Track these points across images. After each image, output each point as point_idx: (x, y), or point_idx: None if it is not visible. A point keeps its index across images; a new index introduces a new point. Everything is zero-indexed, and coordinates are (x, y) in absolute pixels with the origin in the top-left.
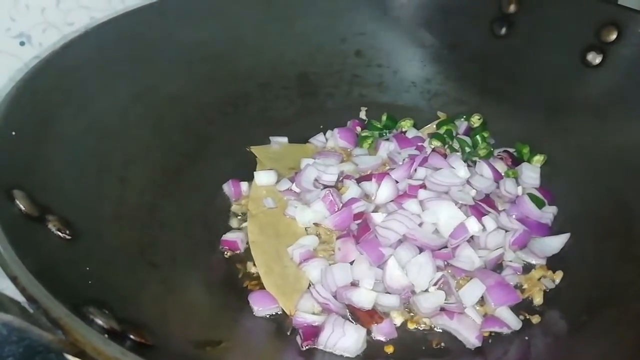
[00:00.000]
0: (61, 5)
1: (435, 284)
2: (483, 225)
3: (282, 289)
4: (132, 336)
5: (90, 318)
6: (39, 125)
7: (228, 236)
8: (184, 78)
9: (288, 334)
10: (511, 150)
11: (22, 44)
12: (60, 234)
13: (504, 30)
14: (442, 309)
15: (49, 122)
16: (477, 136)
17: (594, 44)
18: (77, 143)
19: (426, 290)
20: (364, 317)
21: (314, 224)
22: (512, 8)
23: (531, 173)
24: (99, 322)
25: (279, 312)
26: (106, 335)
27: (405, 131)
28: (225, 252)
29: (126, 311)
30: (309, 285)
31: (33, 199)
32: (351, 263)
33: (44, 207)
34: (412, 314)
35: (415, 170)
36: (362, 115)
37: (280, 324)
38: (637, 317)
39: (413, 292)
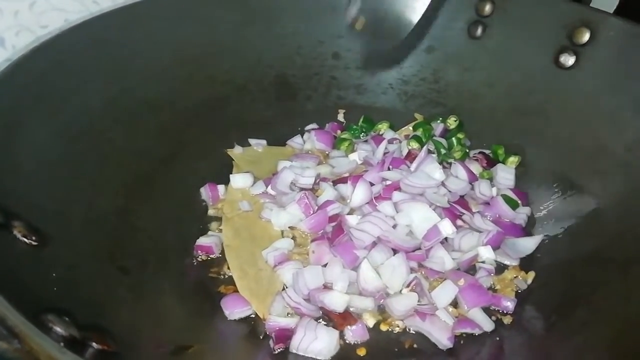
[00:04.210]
0: (35, 8)
1: (407, 286)
2: (456, 227)
3: (255, 293)
4: (94, 343)
5: (48, 326)
6: (8, 128)
7: (202, 241)
8: (160, 81)
9: (261, 337)
10: (487, 151)
11: None
12: (26, 240)
13: (479, 32)
14: (415, 311)
15: (18, 125)
16: (453, 138)
17: (566, 45)
18: (47, 147)
19: (399, 292)
20: (337, 319)
21: (289, 227)
22: (487, 10)
23: (506, 174)
24: (58, 329)
25: (251, 315)
26: (62, 344)
27: (382, 133)
28: (200, 257)
29: (91, 318)
30: (283, 288)
31: None
32: (325, 265)
33: (10, 213)
34: (384, 316)
35: (389, 168)
36: (340, 117)
37: (253, 327)
38: (606, 317)
39: (387, 294)
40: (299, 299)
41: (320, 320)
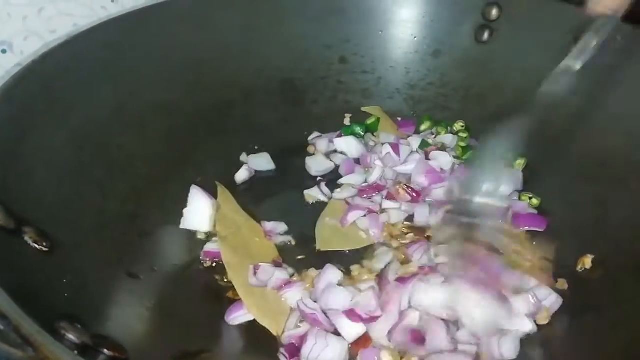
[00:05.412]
0: (43, 13)
1: None
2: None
3: (263, 311)
4: (105, 350)
5: (62, 333)
6: (18, 134)
7: (210, 247)
8: (168, 85)
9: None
10: None
11: (3, 52)
12: (37, 246)
13: (486, 36)
14: None
15: (28, 131)
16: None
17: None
18: (57, 152)
19: None
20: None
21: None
22: (494, 14)
23: (513, 177)
24: (71, 337)
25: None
26: (76, 352)
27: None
28: (207, 263)
29: (102, 324)
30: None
31: (9, 210)
32: None
33: (21, 218)
34: (402, 353)
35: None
36: (347, 122)
37: (262, 334)
38: (616, 323)
39: None
40: (315, 306)
41: None
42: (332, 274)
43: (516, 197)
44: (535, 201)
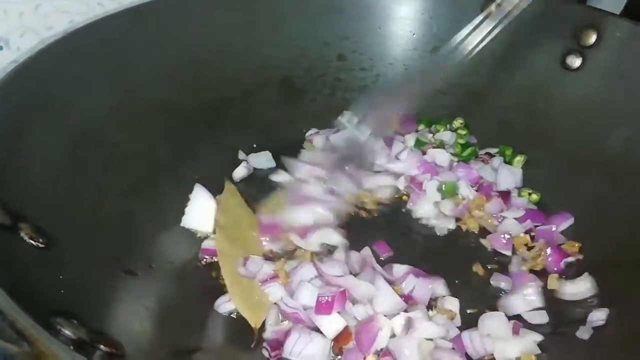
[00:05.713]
0: (40, 10)
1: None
2: None
3: (247, 302)
4: (102, 346)
5: (57, 329)
6: (14, 131)
7: (207, 244)
8: (166, 83)
9: (252, 346)
10: (492, 151)
11: None
12: (33, 242)
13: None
14: None
15: (24, 127)
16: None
17: (573, 47)
18: (54, 149)
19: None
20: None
21: None
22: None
23: (512, 174)
24: (67, 332)
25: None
26: (72, 347)
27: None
28: (205, 260)
29: (98, 321)
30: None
31: (5, 207)
32: None
33: (17, 215)
34: None
35: None
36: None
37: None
38: (620, 319)
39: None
40: (296, 304)
41: None
42: (306, 270)
43: (516, 194)
44: (534, 196)
